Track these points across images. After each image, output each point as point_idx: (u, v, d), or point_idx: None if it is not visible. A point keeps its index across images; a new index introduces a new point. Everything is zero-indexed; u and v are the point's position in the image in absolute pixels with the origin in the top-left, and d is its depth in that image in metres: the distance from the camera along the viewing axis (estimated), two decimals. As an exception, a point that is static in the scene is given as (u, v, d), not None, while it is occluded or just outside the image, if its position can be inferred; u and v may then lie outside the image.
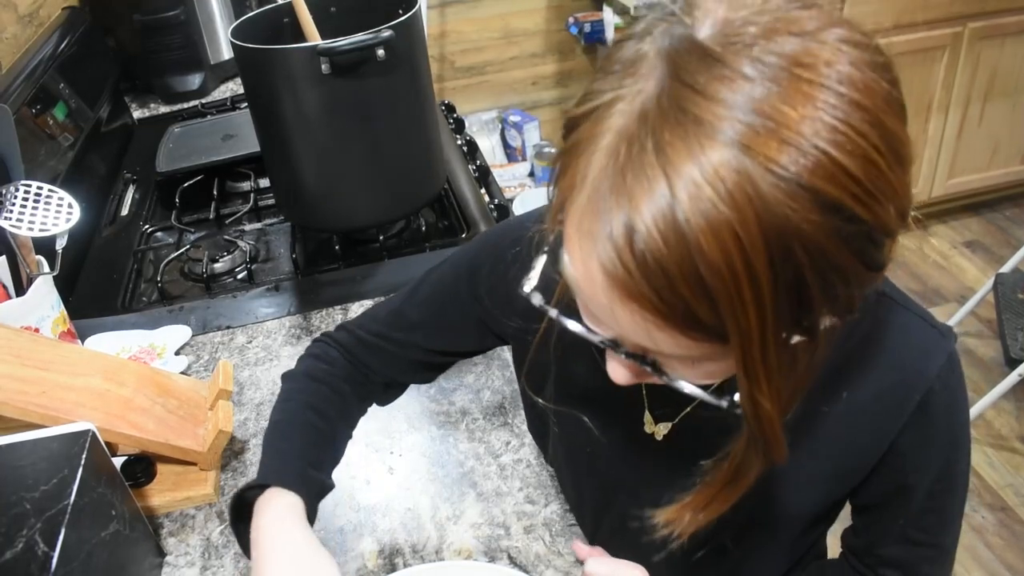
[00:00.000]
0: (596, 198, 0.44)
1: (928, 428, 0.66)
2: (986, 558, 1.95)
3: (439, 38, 2.85)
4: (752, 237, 0.41)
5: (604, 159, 0.45)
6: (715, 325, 0.43)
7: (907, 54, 2.62)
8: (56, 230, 0.98)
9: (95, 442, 0.74)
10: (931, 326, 0.65)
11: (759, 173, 0.41)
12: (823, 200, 0.41)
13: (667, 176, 0.41)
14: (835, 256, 0.43)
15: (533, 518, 0.85)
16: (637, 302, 0.44)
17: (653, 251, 0.42)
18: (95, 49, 1.75)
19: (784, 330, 0.45)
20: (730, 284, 0.42)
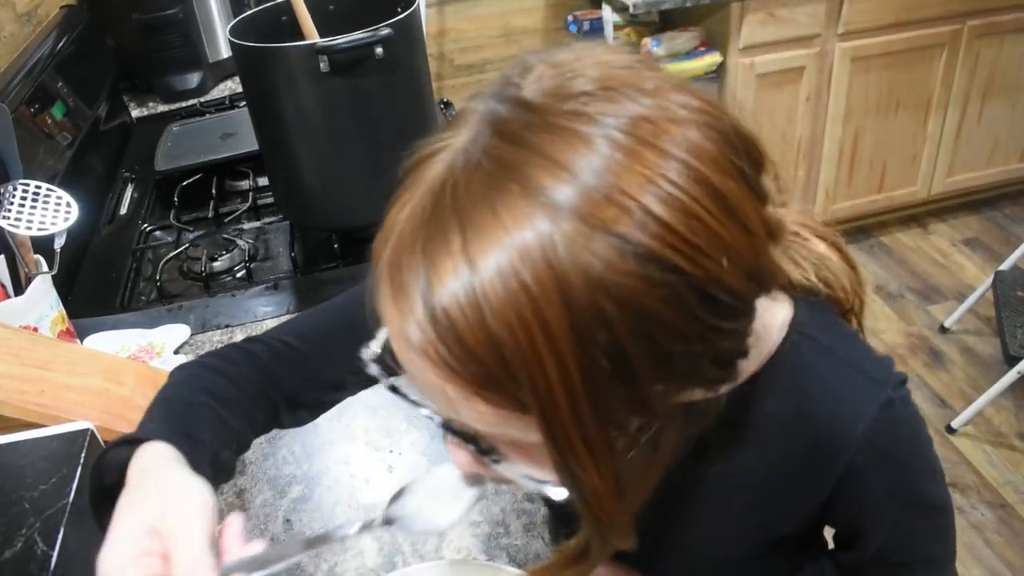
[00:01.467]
0: (398, 250, 0.43)
1: (869, 485, 0.60)
2: (985, 555, 1.95)
3: (438, 36, 2.85)
4: (546, 290, 0.38)
5: (410, 210, 0.43)
6: (513, 389, 0.40)
7: (906, 52, 2.62)
8: (55, 229, 0.98)
9: (94, 441, 0.74)
10: (860, 374, 0.59)
11: (558, 221, 0.38)
12: (634, 249, 0.39)
13: (461, 226, 0.39)
14: (657, 313, 0.40)
15: (532, 516, 0.85)
16: (430, 359, 0.41)
17: (444, 307, 0.39)
18: (93, 48, 1.75)
19: (604, 401, 0.41)
20: (521, 339, 0.39)
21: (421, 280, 0.40)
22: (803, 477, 0.62)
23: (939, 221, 3.12)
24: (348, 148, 1.12)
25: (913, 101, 2.75)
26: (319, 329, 0.75)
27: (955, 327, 2.61)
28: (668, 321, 0.41)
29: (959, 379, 2.44)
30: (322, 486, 0.91)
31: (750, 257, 0.44)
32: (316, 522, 0.87)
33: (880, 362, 0.61)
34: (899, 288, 2.83)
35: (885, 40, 2.58)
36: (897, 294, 2.80)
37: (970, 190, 3.06)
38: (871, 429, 0.58)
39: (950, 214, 3.13)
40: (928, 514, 0.67)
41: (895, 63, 2.64)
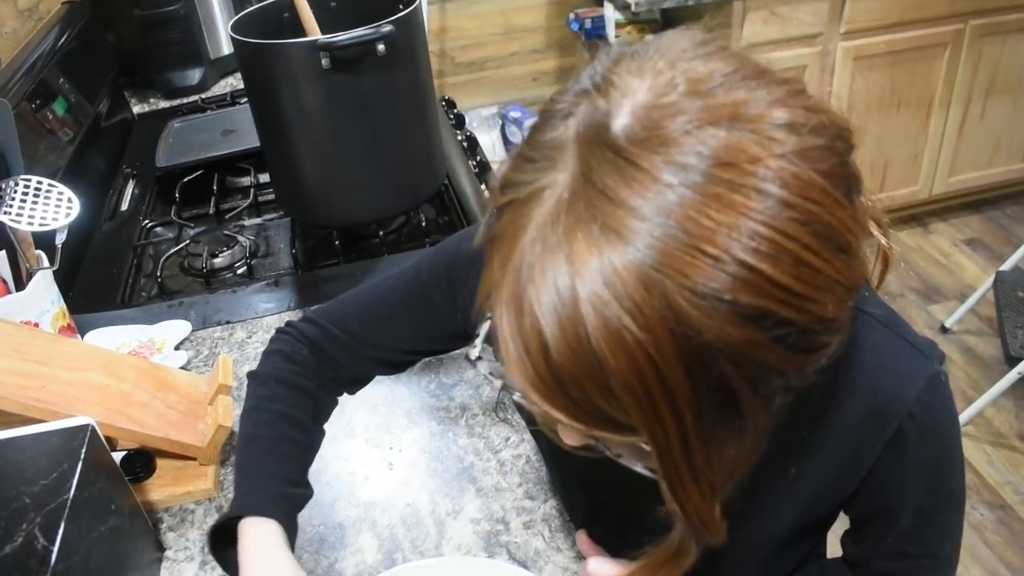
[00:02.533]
0: (512, 297, 0.43)
1: (908, 454, 0.63)
2: (985, 556, 1.95)
3: (439, 34, 2.85)
4: (665, 355, 0.39)
5: (519, 259, 0.43)
6: (636, 430, 0.42)
7: (909, 51, 2.62)
8: (56, 225, 0.98)
9: (95, 437, 0.74)
10: (912, 346, 0.62)
11: (671, 288, 0.38)
12: (746, 312, 0.39)
13: (574, 287, 0.40)
14: (765, 359, 0.41)
15: (532, 514, 0.85)
16: (555, 405, 0.43)
17: (564, 363, 0.41)
18: (95, 44, 1.75)
19: (710, 432, 0.43)
20: (643, 399, 0.40)
21: (535, 323, 0.41)
22: (854, 445, 0.64)
23: (940, 221, 3.12)
24: (349, 145, 1.12)
25: (915, 100, 2.74)
26: (372, 311, 0.79)
27: (956, 327, 2.61)
28: (774, 363, 0.42)
29: (959, 379, 2.44)
30: (321, 483, 0.91)
31: (851, 279, 0.44)
32: (316, 518, 0.87)
33: (926, 339, 0.64)
34: (900, 288, 2.82)
35: (887, 39, 2.58)
36: (898, 294, 2.80)
37: (971, 190, 3.05)
38: (918, 400, 0.61)
39: (951, 214, 3.13)
40: (947, 506, 0.68)
41: (897, 62, 2.64)
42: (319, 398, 0.79)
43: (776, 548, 0.73)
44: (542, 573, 0.79)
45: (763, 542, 0.72)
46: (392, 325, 0.78)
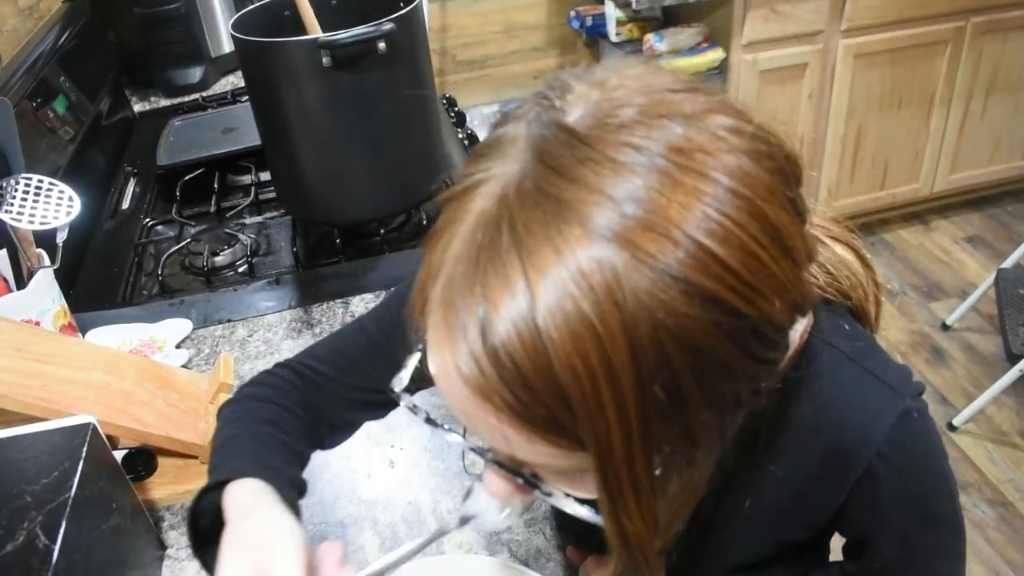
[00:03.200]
0: (451, 288, 0.41)
1: (882, 492, 0.61)
2: (987, 553, 1.95)
3: (440, 32, 2.84)
4: (612, 332, 0.38)
5: (461, 245, 0.42)
6: (575, 430, 0.40)
7: (909, 49, 2.62)
8: (57, 223, 0.98)
9: (96, 435, 0.74)
10: (880, 382, 0.60)
11: (624, 262, 0.38)
12: (698, 292, 0.39)
13: (523, 265, 0.38)
14: (715, 352, 0.40)
15: (534, 512, 0.85)
16: (491, 403, 0.41)
17: (506, 348, 0.39)
18: (95, 42, 1.75)
19: (655, 441, 0.41)
20: (586, 384, 0.38)
21: (479, 321, 0.39)
22: (820, 483, 0.62)
23: (941, 218, 3.12)
24: (350, 143, 1.12)
25: (916, 98, 2.74)
26: (343, 353, 0.76)
27: (957, 324, 2.61)
28: (724, 360, 0.41)
29: (961, 377, 2.44)
30: (323, 480, 0.91)
31: (798, 291, 0.43)
32: (317, 516, 0.87)
33: (899, 372, 0.61)
34: (901, 285, 2.82)
35: (888, 37, 2.58)
36: (899, 291, 2.80)
37: (973, 187, 3.05)
38: (888, 438, 0.59)
39: (952, 211, 3.13)
40: (938, 530, 0.66)
41: (898, 60, 2.64)
42: (301, 422, 0.74)
43: (763, 567, 0.72)
44: (544, 572, 0.79)
45: (739, 566, 0.72)
46: (364, 365, 0.74)
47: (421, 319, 0.45)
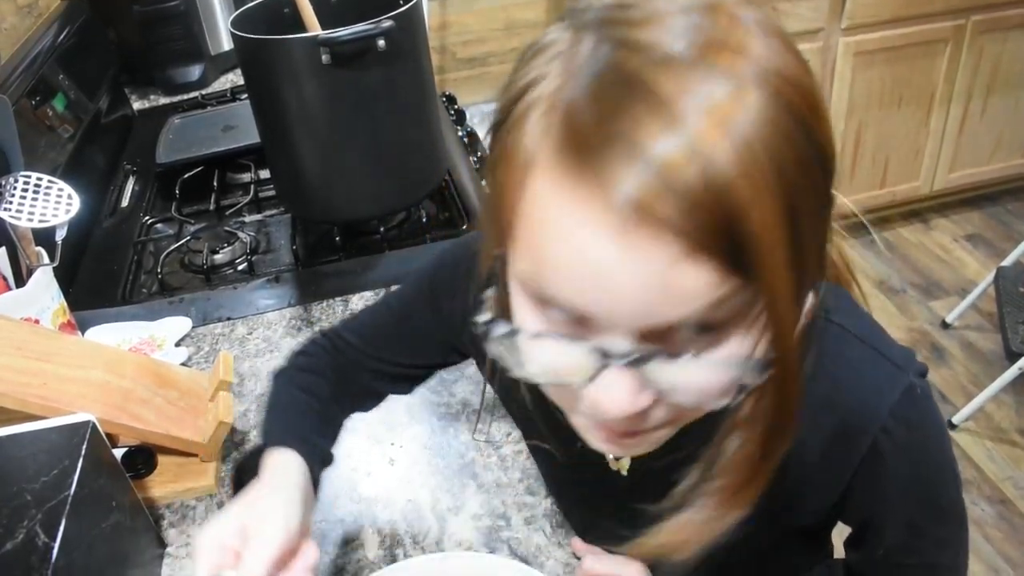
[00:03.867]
0: (577, 149, 0.41)
1: (887, 469, 0.61)
2: (985, 551, 1.95)
3: (440, 30, 2.84)
4: (755, 151, 0.40)
5: (576, 94, 0.42)
6: (742, 246, 0.40)
7: (909, 47, 2.62)
8: (56, 221, 0.97)
9: (95, 433, 0.74)
10: (885, 358, 0.60)
11: (746, 83, 0.40)
12: (791, 109, 0.41)
13: (665, 100, 0.39)
14: (808, 172, 0.42)
15: (534, 509, 0.85)
16: (661, 229, 0.40)
17: (675, 169, 0.39)
18: (94, 40, 1.75)
19: (801, 248, 0.43)
20: (745, 193, 0.39)
21: (631, 148, 0.39)
22: (828, 462, 0.62)
23: (941, 216, 3.12)
24: (350, 141, 1.12)
25: (916, 96, 2.74)
26: (369, 326, 0.82)
27: (956, 323, 2.61)
28: (814, 184, 0.43)
29: (960, 375, 2.44)
30: (322, 478, 0.91)
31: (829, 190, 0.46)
32: (317, 514, 0.87)
33: (903, 350, 0.62)
34: (901, 283, 2.83)
35: (888, 35, 2.57)
36: (899, 289, 2.80)
37: (972, 186, 3.05)
38: (893, 414, 0.59)
39: (952, 210, 3.13)
40: (941, 517, 0.67)
41: (898, 58, 2.63)
42: (336, 387, 0.80)
43: (762, 558, 0.72)
44: (543, 569, 0.79)
45: (745, 555, 0.72)
46: (392, 340, 0.80)
47: (516, 216, 0.45)
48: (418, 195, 1.25)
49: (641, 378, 0.45)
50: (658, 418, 0.49)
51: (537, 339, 0.48)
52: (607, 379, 0.46)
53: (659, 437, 0.53)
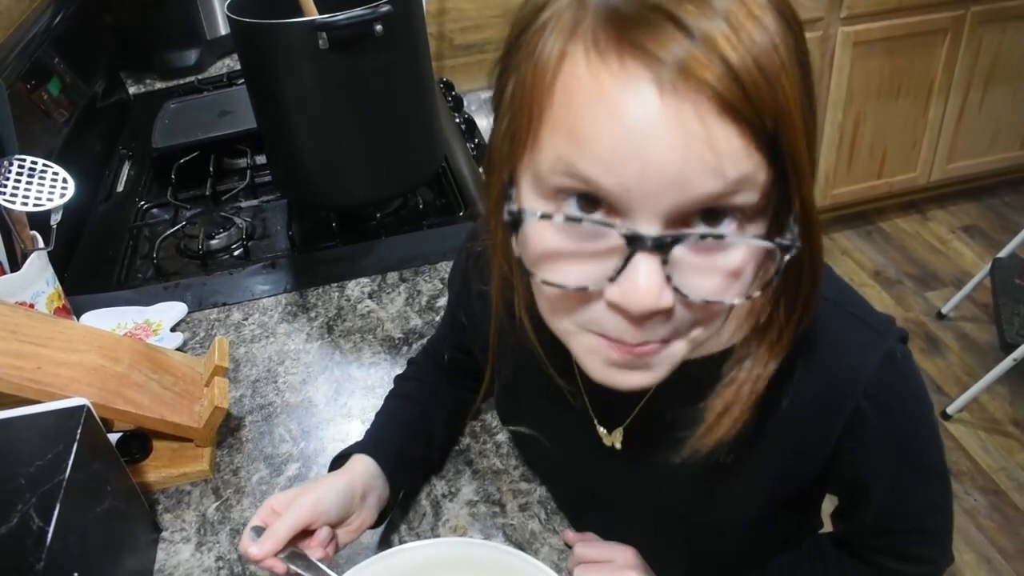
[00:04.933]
0: (616, 26, 0.43)
1: (870, 432, 0.62)
2: (978, 541, 1.96)
3: (438, 16, 2.83)
4: (782, 28, 0.45)
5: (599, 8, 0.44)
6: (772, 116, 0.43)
7: (908, 37, 2.61)
8: (50, 205, 0.97)
9: (90, 418, 0.74)
10: (864, 323, 0.62)
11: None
12: (796, 34, 0.46)
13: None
14: (808, 89, 0.47)
15: (528, 496, 0.86)
16: (698, 92, 0.42)
17: (715, 41, 0.42)
18: (90, 24, 1.73)
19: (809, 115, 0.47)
20: (775, 65, 0.43)
21: (674, 18, 0.42)
22: (813, 426, 0.63)
23: (938, 207, 3.12)
24: (347, 126, 1.11)
25: (914, 87, 2.74)
26: (441, 329, 0.95)
27: (952, 314, 2.62)
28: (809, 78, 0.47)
29: (955, 365, 2.44)
30: (318, 464, 0.91)
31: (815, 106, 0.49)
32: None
33: (883, 317, 0.63)
34: (897, 274, 2.83)
35: (888, 25, 2.57)
36: (895, 280, 2.80)
37: (970, 177, 3.05)
38: (874, 377, 0.60)
39: (949, 201, 3.13)
40: (926, 478, 0.68)
41: (897, 48, 2.63)
42: (436, 386, 0.90)
43: (754, 528, 0.73)
44: (538, 555, 0.80)
45: (737, 524, 0.73)
46: (448, 340, 0.89)
47: (549, 103, 0.46)
48: (415, 181, 1.24)
49: (666, 272, 0.46)
50: (680, 320, 0.49)
51: (567, 228, 0.48)
52: (636, 266, 0.46)
53: (673, 357, 0.52)
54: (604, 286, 0.48)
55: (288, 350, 1.08)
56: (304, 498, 0.71)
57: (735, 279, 0.48)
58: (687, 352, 0.52)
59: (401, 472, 0.81)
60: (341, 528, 0.74)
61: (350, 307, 1.14)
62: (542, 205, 0.49)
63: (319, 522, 0.71)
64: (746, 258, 0.47)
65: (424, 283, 1.17)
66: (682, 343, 0.52)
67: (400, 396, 0.90)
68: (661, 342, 0.51)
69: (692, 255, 0.47)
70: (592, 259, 0.48)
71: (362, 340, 1.08)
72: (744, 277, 0.48)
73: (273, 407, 0.99)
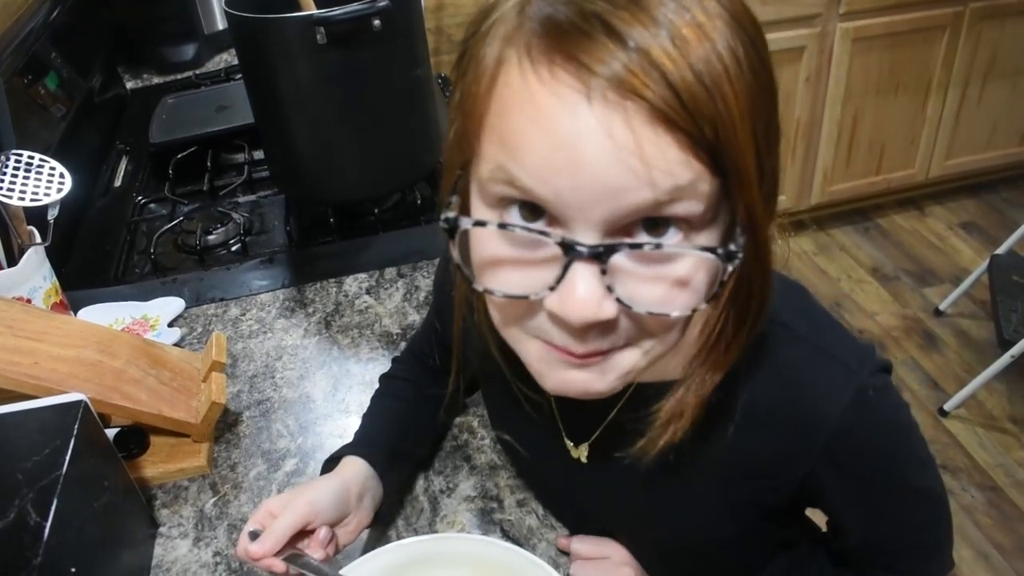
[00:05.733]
0: (552, 34, 0.43)
1: (843, 469, 0.61)
2: (975, 537, 1.96)
3: (436, 11, 2.82)
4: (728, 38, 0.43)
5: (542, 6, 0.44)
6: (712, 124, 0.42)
7: (907, 33, 2.61)
8: (48, 200, 0.97)
9: (88, 413, 0.74)
10: (835, 359, 0.59)
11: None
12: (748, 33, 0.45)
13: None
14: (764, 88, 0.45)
15: (526, 492, 0.86)
16: (633, 102, 0.41)
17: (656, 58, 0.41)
18: (88, 18, 1.73)
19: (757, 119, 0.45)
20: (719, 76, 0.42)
21: (610, 29, 0.41)
22: (777, 463, 0.62)
23: (936, 204, 3.12)
24: (345, 122, 1.11)
25: (913, 83, 2.74)
26: (422, 329, 0.95)
27: (950, 310, 2.62)
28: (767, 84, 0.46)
29: (953, 362, 2.45)
30: (316, 460, 0.91)
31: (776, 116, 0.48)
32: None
33: (856, 349, 0.60)
34: (895, 270, 2.83)
35: (887, 21, 2.56)
36: (893, 276, 2.80)
37: (968, 173, 3.05)
38: (843, 417, 0.58)
39: (947, 197, 3.13)
40: (913, 502, 0.66)
41: (896, 44, 2.63)
42: (422, 382, 0.90)
43: (729, 550, 0.72)
44: (535, 551, 0.80)
45: (709, 547, 0.72)
46: (433, 339, 0.88)
47: (487, 112, 0.46)
48: (413, 177, 1.24)
49: (607, 282, 0.45)
50: (624, 331, 0.49)
51: (501, 236, 0.48)
52: (573, 276, 0.45)
53: (623, 366, 0.51)
54: (545, 295, 0.47)
55: (286, 346, 1.08)
56: (300, 498, 0.71)
57: (681, 289, 0.47)
58: (641, 363, 0.51)
59: (394, 471, 0.82)
60: (339, 528, 0.74)
61: (348, 303, 1.14)
62: (487, 213, 0.48)
63: (317, 521, 0.71)
64: (693, 269, 0.46)
65: (422, 279, 1.17)
66: (633, 352, 0.50)
67: (386, 395, 0.90)
68: (607, 351, 0.50)
69: (636, 265, 0.46)
70: (533, 267, 0.48)
71: (360, 336, 1.08)
72: (691, 288, 0.47)
73: (271, 403, 0.99)
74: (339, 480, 0.75)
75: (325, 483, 0.74)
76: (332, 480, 0.75)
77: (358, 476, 0.77)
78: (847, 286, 2.77)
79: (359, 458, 0.79)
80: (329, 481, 0.75)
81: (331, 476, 0.76)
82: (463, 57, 0.49)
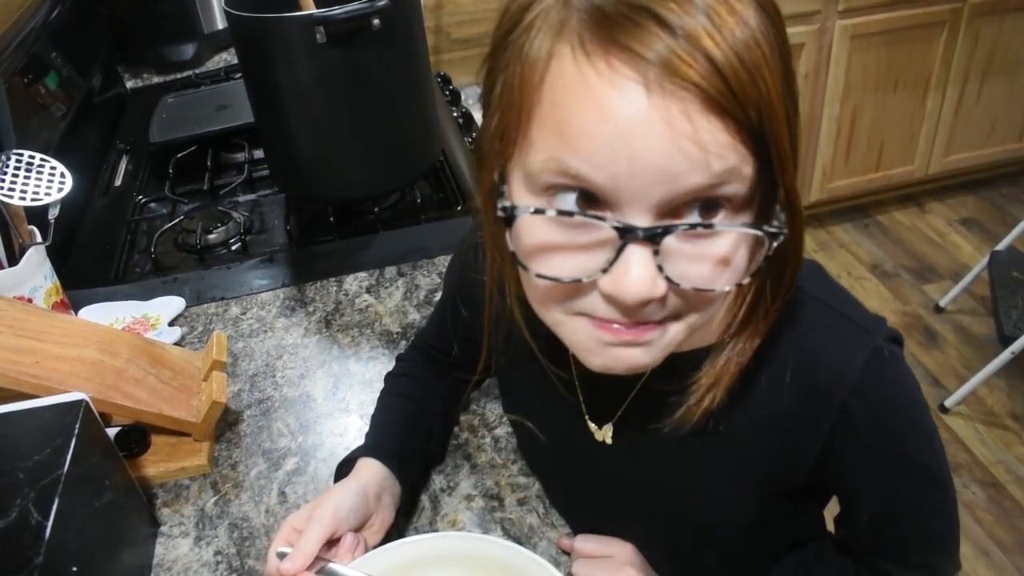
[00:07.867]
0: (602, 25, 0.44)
1: (858, 432, 0.62)
2: (976, 533, 1.96)
3: (435, 9, 2.82)
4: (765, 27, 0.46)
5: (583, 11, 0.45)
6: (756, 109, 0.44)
7: (906, 30, 2.61)
8: (48, 200, 0.97)
9: (89, 412, 0.74)
10: (851, 321, 0.61)
11: None
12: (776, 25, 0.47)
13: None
14: (789, 78, 0.48)
15: (527, 490, 0.86)
16: (683, 87, 0.43)
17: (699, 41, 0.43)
18: (87, 18, 1.73)
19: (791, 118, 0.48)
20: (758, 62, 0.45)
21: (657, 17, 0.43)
22: (801, 425, 0.63)
23: (936, 200, 3.12)
24: (344, 121, 1.11)
25: (912, 79, 2.74)
26: (430, 324, 0.95)
27: (950, 306, 2.62)
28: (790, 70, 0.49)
29: (953, 358, 2.45)
30: (316, 459, 0.91)
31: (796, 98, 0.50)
32: (311, 495, 0.87)
33: (871, 316, 0.63)
34: (894, 267, 2.83)
35: (885, 17, 2.56)
36: (892, 273, 2.80)
37: (967, 170, 3.05)
38: (860, 377, 0.60)
39: (947, 193, 3.13)
40: (922, 482, 0.67)
41: (895, 41, 2.63)
42: (428, 379, 0.91)
43: (747, 535, 0.72)
44: (536, 549, 0.80)
45: (727, 528, 0.72)
46: (444, 332, 0.88)
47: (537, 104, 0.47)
48: (412, 175, 1.24)
49: (658, 262, 0.47)
50: (670, 306, 0.51)
51: (550, 222, 0.49)
52: (628, 257, 0.47)
53: (668, 339, 0.53)
54: (598, 277, 0.49)
55: (286, 344, 1.08)
56: (322, 508, 0.71)
57: (724, 266, 0.49)
58: (682, 335, 0.53)
59: (408, 468, 0.82)
60: (365, 531, 0.75)
61: (348, 301, 1.14)
62: (533, 200, 0.50)
63: (342, 529, 0.71)
64: (734, 246, 0.49)
65: (422, 277, 1.17)
66: (677, 326, 0.53)
67: (394, 394, 0.90)
68: (657, 323, 0.52)
69: (682, 244, 0.48)
70: (585, 252, 0.49)
71: (360, 334, 1.08)
72: (734, 264, 0.49)
73: (271, 401, 0.99)
74: (357, 484, 0.75)
75: (343, 489, 0.74)
76: (350, 485, 0.75)
77: (375, 477, 0.78)
78: (847, 283, 2.77)
79: (373, 459, 0.79)
80: (347, 486, 0.75)
81: (348, 481, 0.76)
82: (501, 52, 0.50)
